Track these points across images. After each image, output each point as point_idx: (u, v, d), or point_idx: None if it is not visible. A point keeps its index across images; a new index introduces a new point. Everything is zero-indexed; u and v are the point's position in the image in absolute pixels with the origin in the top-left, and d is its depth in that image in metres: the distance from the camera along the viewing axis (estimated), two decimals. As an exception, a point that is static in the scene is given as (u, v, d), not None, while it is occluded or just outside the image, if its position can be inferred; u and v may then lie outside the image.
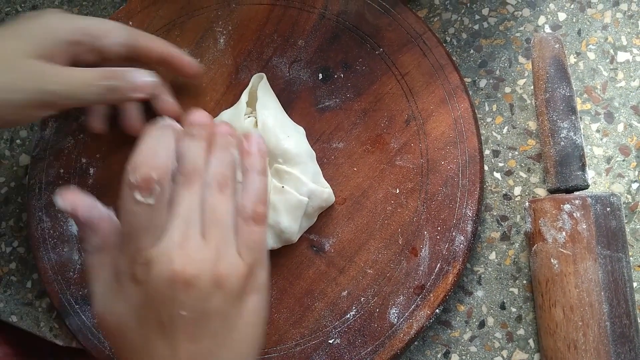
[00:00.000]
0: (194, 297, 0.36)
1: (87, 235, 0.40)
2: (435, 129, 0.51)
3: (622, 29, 0.54)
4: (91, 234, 0.39)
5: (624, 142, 0.52)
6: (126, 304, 0.38)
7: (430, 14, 0.56)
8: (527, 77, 0.54)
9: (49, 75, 0.46)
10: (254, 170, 0.41)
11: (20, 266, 0.58)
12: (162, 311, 0.37)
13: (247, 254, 0.39)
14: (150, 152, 0.37)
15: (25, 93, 0.45)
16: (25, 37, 0.46)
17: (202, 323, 0.37)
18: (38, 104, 0.45)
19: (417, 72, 0.52)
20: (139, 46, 0.50)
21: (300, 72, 0.54)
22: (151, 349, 0.37)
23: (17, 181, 0.59)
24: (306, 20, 0.55)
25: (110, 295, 0.39)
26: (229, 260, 0.38)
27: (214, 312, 0.37)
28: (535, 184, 0.53)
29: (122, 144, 0.55)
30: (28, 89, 0.45)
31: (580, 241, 0.46)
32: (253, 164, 0.41)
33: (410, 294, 0.49)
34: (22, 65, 0.45)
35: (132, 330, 0.38)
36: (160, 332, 0.37)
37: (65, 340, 0.56)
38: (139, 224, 0.37)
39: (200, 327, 0.37)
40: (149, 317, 0.37)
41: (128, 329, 0.38)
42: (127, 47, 0.49)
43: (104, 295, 0.39)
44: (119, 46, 0.49)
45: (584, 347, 0.45)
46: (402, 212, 0.51)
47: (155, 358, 0.37)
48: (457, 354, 0.51)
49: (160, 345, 0.37)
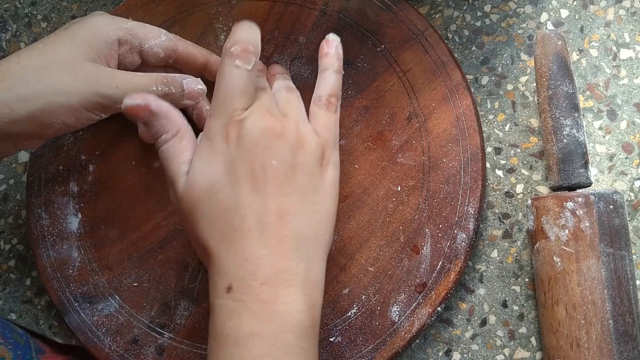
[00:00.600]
0: (284, 147, 0.41)
1: (163, 125, 0.43)
2: (437, 127, 0.51)
3: (625, 26, 0.53)
4: (166, 122, 0.43)
5: (626, 140, 0.52)
6: (218, 164, 0.41)
7: (432, 11, 0.56)
8: (529, 74, 0.54)
9: (105, 79, 0.46)
10: (331, 68, 0.47)
11: (19, 263, 0.58)
12: (255, 160, 0.41)
13: (321, 131, 0.44)
14: (246, 33, 0.43)
15: (82, 96, 0.46)
16: (79, 41, 0.47)
17: (290, 176, 0.41)
18: (93, 107, 0.46)
19: (419, 69, 0.52)
20: (180, 52, 0.51)
21: (301, 69, 0.54)
22: (242, 205, 0.40)
23: (16, 178, 0.59)
24: (307, 16, 0.54)
25: (198, 163, 0.42)
26: (307, 130, 0.44)
27: (300, 167, 0.42)
28: (537, 181, 0.52)
29: (121, 141, 0.55)
30: (85, 92, 0.46)
31: (583, 239, 0.46)
32: (330, 63, 0.47)
33: (411, 292, 0.49)
34: (78, 69, 0.46)
35: (222, 189, 0.41)
36: (252, 185, 0.41)
37: (65, 338, 0.56)
38: (237, 85, 0.42)
39: (289, 180, 0.41)
40: (241, 169, 0.41)
41: (218, 187, 0.41)
42: (168, 51, 0.50)
43: (192, 169, 0.42)
44: (160, 49, 0.50)
45: (587, 346, 0.45)
46: (403, 210, 0.50)
47: (247, 213, 0.40)
48: (459, 352, 0.51)
49: (251, 199, 0.40)
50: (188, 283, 0.52)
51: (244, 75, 0.42)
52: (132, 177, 0.54)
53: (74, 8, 0.61)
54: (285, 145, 0.42)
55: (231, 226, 0.40)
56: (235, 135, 0.41)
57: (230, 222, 0.40)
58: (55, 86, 0.45)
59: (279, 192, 0.41)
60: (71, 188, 0.55)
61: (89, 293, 0.52)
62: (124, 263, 0.53)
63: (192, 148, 0.43)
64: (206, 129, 0.43)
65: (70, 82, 0.45)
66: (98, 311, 0.52)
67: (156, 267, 0.52)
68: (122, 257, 0.53)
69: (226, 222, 0.40)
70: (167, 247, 0.53)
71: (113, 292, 0.52)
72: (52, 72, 0.45)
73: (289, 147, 0.42)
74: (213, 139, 0.42)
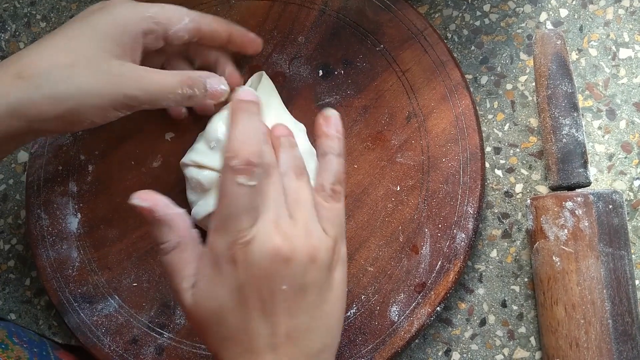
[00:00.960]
0: (294, 270, 0.39)
1: (164, 233, 0.41)
2: (436, 126, 0.51)
3: (624, 26, 0.53)
4: (168, 231, 0.41)
5: (626, 139, 0.52)
6: (225, 288, 0.39)
7: (431, 10, 0.56)
8: (528, 73, 0.54)
9: (133, 81, 0.46)
10: (332, 153, 0.43)
11: (18, 264, 0.58)
12: (264, 287, 0.39)
13: (330, 229, 0.42)
14: (245, 136, 0.40)
15: (109, 97, 0.45)
16: (102, 36, 0.46)
17: (300, 297, 0.40)
18: (121, 107, 0.46)
19: (418, 68, 0.52)
20: (204, 30, 0.50)
21: (300, 69, 0.54)
22: (251, 329, 0.39)
23: (16, 178, 0.59)
24: (306, 16, 0.54)
25: (205, 284, 0.40)
26: (317, 235, 0.41)
27: (311, 285, 0.40)
28: (536, 181, 0.52)
29: (121, 141, 0.55)
30: (112, 93, 0.45)
31: (582, 239, 0.46)
32: (331, 147, 0.43)
33: (411, 292, 0.49)
34: (106, 69, 0.45)
35: (231, 313, 0.39)
36: (260, 310, 0.39)
37: (64, 338, 0.56)
38: (241, 205, 0.39)
39: (298, 301, 0.40)
40: (249, 295, 0.39)
41: (227, 311, 0.39)
42: (192, 32, 0.49)
43: (198, 287, 0.40)
44: (184, 32, 0.49)
45: (586, 345, 0.45)
46: (402, 210, 0.50)
47: (255, 337, 0.39)
48: (458, 351, 0.51)
49: (260, 324, 0.39)
50: (187, 283, 0.52)
51: (247, 193, 0.39)
52: (132, 177, 0.54)
53: (73, 8, 0.61)
54: (295, 268, 0.39)
55: (242, 346, 0.40)
56: (242, 259, 0.39)
57: (241, 343, 0.40)
58: (84, 87, 0.44)
59: (287, 314, 0.39)
60: (70, 188, 0.55)
61: (89, 293, 0.53)
62: (123, 263, 0.53)
63: (194, 261, 0.41)
64: (211, 244, 0.40)
65: (99, 83, 0.45)
66: (97, 311, 0.52)
67: (155, 267, 0.52)
68: (122, 257, 0.53)
69: (237, 343, 0.40)
70: (166, 247, 0.53)
71: (112, 292, 0.52)
72: (80, 72, 0.44)
73: (299, 269, 0.40)
74: (219, 260, 0.40)
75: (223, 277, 0.39)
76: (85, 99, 0.44)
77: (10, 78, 0.44)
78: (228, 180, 0.39)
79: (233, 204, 0.39)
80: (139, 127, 0.55)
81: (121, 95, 0.45)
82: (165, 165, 0.54)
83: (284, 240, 0.39)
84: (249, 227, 0.39)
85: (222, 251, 0.39)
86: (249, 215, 0.39)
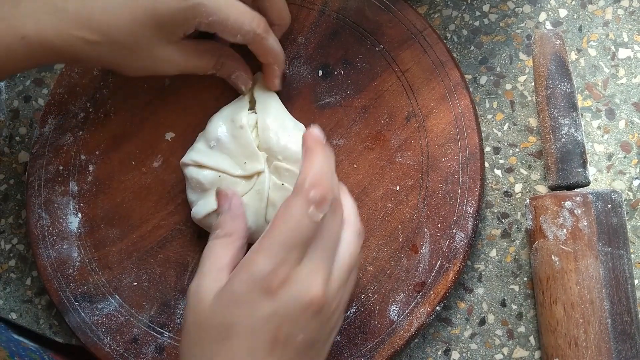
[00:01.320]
0: (317, 323, 0.39)
1: (223, 221, 0.43)
2: (436, 126, 0.51)
3: (623, 26, 0.53)
4: (230, 220, 0.43)
5: (625, 139, 0.52)
6: (247, 310, 0.38)
7: (431, 11, 0.56)
8: (527, 73, 0.54)
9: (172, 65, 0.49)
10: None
11: (19, 263, 0.58)
12: (283, 329, 0.38)
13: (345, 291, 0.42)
14: (326, 172, 0.39)
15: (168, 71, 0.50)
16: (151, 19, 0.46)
17: (308, 349, 0.39)
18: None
19: (418, 68, 0.52)
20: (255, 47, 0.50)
21: (300, 69, 0.54)
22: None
23: (17, 178, 0.59)
24: (306, 16, 0.54)
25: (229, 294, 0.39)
26: (344, 297, 0.42)
27: (320, 341, 0.40)
28: (536, 181, 0.52)
29: (121, 141, 0.55)
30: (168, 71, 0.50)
31: (581, 238, 0.46)
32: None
33: (410, 291, 0.49)
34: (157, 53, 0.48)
35: (240, 336, 0.38)
36: (270, 349, 0.38)
37: (65, 338, 0.56)
38: (302, 236, 0.38)
39: (304, 352, 0.39)
40: (265, 329, 0.38)
41: (236, 333, 0.38)
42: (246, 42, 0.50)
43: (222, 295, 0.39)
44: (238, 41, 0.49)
45: (585, 345, 0.45)
46: (402, 209, 0.51)
47: None
48: (458, 351, 0.51)
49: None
50: (188, 282, 0.52)
51: (312, 227, 0.38)
52: (132, 177, 0.54)
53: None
54: (319, 321, 0.39)
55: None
56: (276, 293, 0.38)
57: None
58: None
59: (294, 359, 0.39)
60: (71, 188, 0.55)
61: (89, 292, 0.53)
62: (123, 263, 0.53)
63: (234, 257, 0.41)
64: (252, 260, 0.39)
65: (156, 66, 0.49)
66: (98, 310, 0.52)
67: (156, 266, 0.53)
68: (122, 256, 0.53)
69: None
70: (166, 247, 0.53)
71: (113, 292, 0.53)
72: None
73: (322, 323, 0.39)
74: (254, 278, 0.38)
75: (252, 299, 0.38)
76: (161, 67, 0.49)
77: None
78: (299, 207, 0.38)
79: (294, 233, 0.38)
80: (139, 127, 0.55)
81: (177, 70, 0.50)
82: (165, 165, 0.54)
83: (321, 295, 0.38)
84: (294, 264, 0.38)
85: (262, 274, 0.38)
86: (305, 247, 0.38)
